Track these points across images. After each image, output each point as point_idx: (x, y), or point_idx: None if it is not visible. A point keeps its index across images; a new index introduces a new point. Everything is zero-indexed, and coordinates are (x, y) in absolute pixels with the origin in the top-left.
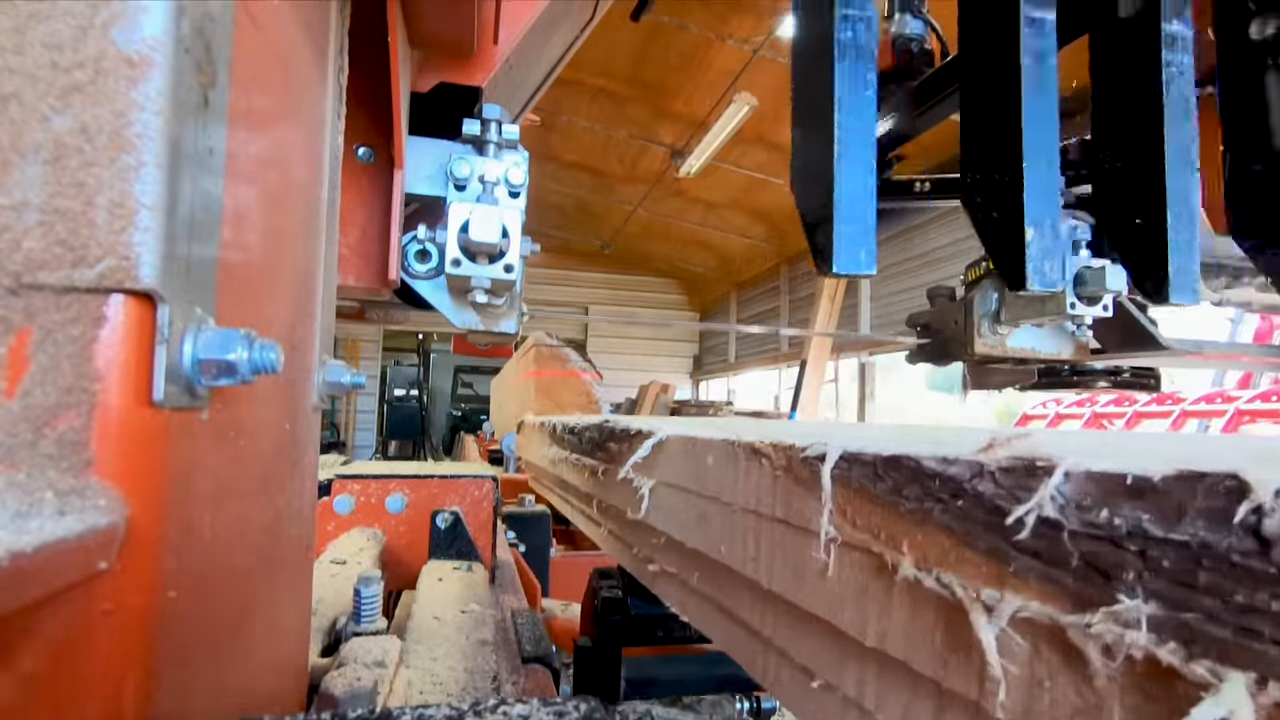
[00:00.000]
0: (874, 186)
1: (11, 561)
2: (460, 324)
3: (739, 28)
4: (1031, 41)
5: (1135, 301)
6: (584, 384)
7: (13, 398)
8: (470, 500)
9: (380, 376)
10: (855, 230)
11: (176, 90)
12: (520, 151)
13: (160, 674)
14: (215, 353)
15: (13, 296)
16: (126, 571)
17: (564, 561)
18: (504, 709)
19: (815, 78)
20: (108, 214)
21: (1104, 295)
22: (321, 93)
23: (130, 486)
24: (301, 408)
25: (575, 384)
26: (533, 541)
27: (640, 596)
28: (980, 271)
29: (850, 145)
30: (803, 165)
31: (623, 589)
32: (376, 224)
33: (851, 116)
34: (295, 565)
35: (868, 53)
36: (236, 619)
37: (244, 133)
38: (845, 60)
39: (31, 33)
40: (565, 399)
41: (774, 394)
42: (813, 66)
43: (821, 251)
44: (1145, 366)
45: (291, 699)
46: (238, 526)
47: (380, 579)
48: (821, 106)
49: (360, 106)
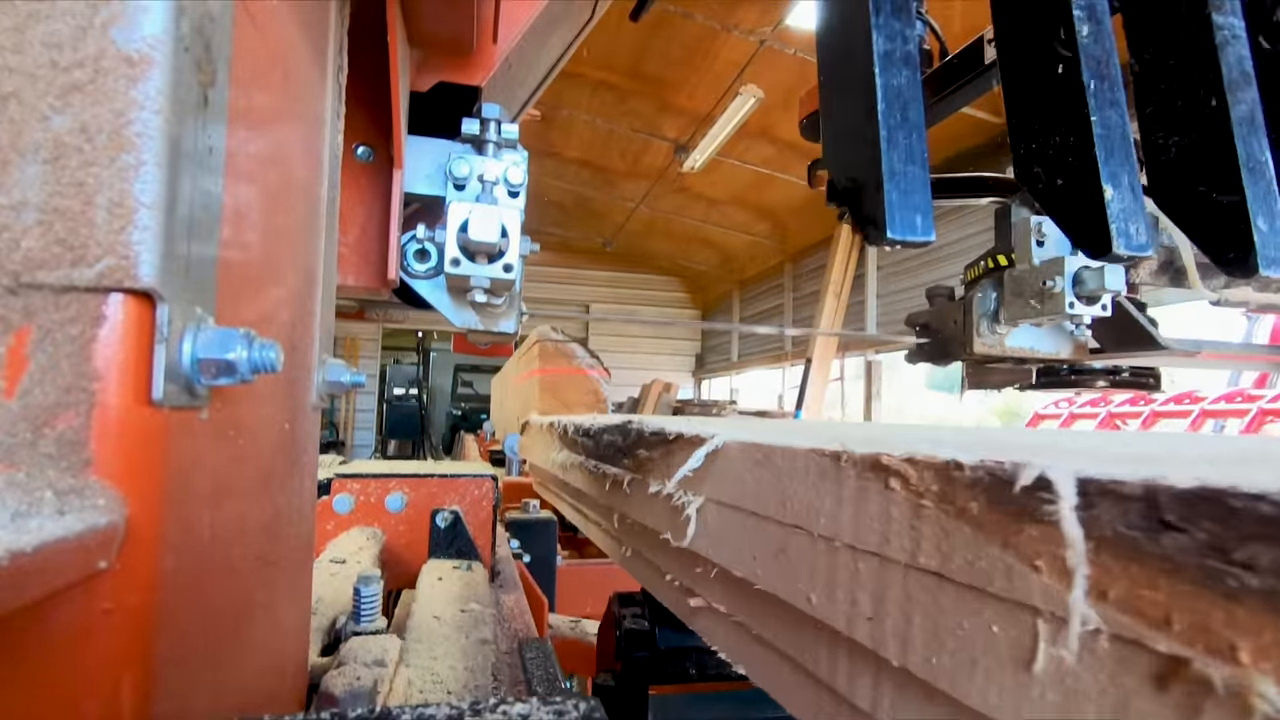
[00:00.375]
0: (924, 147)
1: (11, 561)
2: (459, 324)
3: (745, 18)
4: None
5: (1134, 301)
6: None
7: (12, 397)
8: (470, 499)
9: (380, 375)
10: (909, 191)
11: (176, 89)
12: (519, 151)
13: (160, 673)
14: (215, 352)
15: (12, 296)
16: (126, 571)
17: (571, 571)
18: (504, 708)
19: (848, 36)
20: (107, 213)
21: (1103, 295)
22: (321, 92)
23: (130, 486)
24: (301, 407)
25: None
26: (538, 551)
27: (669, 626)
28: (979, 271)
29: (895, 103)
30: (839, 136)
31: (649, 618)
32: (376, 223)
33: (892, 73)
34: (295, 564)
35: (905, 5)
36: (236, 618)
37: (244, 132)
38: (882, 13)
39: (31, 32)
40: (572, 398)
41: (778, 393)
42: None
43: (872, 219)
44: (1144, 366)
45: (291, 698)
46: (237, 526)
47: (380, 578)
48: (858, 67)
49: (360, 106)
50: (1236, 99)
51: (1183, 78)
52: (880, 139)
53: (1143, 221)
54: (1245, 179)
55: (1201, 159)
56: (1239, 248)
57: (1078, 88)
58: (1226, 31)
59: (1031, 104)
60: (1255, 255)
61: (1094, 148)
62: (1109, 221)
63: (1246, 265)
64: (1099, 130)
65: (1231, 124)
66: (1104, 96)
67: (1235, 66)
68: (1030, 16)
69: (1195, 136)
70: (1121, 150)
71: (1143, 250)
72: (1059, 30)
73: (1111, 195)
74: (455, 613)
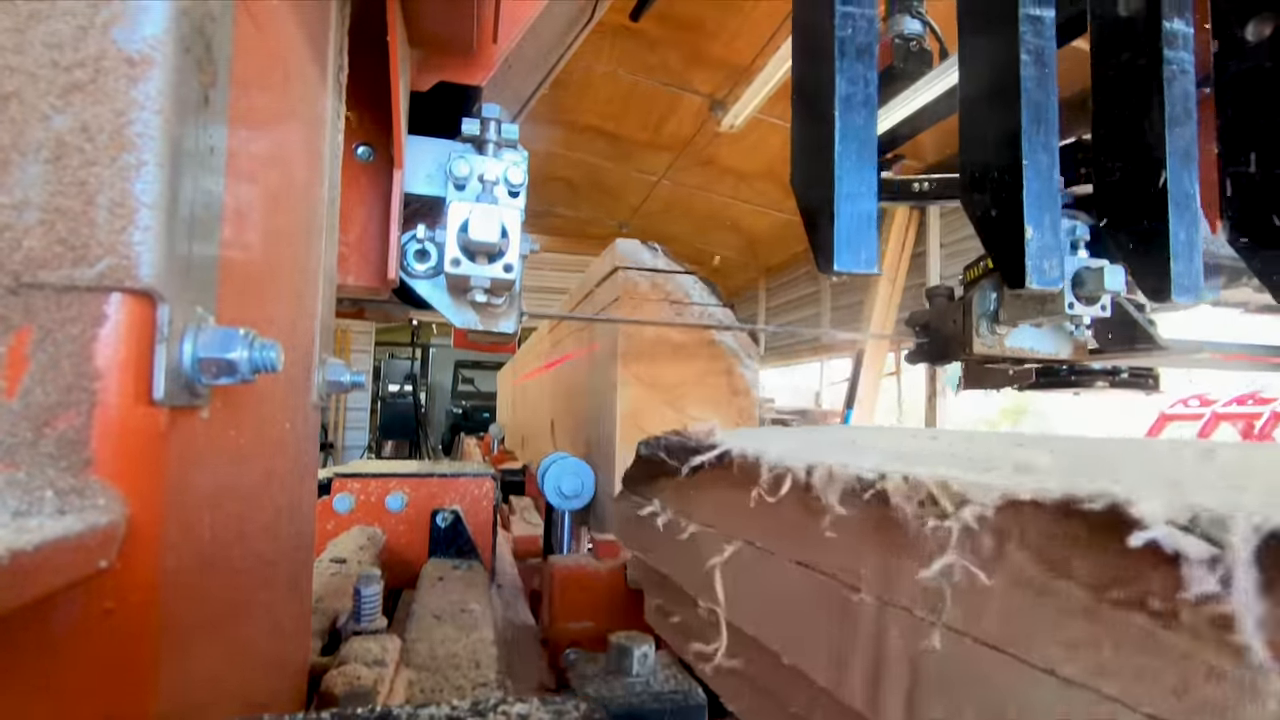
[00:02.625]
0: (875, 185)
1: (12, 560)
2: (460, 323)
3: None
4: (1031, 39)
5: (1133, 301)
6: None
7: (13, 397)
8: (470, 499)
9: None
10: (856, 228)
11: (177, 89)
12: (520, 151)
13: (160, 672)
14: (215, 351)
15: (12, 296)
16: (127, 570)
17: None
18: (504, 708)
19: (816, 75)
20: (108, 213)
21: (1102, 295)
22: (321, 92)
23: (130, 485)
24: (301, 406)
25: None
26: None
27: None
28: (979, 271)
29: (850, 143)
30: (803, 164)
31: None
32: (376, 223)
33: (852, 114)
34: (295, 564)
35: (868, 50)
36: (236, 618)
37: (244, 132)
38: (846, 57)
39: (32, 32)
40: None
41: (815, 390)
42: (813, 63)
43: (823, 249)
44: (1144, 366)
45: (291, 698)
46: (238, 525)
47: (380, 578)
48: (822, 105)
49: (360, 106)
50: (1174, 134)
51: (1130, 104)
52: (835, 177)
53: (1057, 258)
54: (1171, 211)
55: (1136, 186)
56: (1157, 273)
57: (1016, 130)
58: (1175, 67)
59: (978, 136)
60: (1171, 284)
61: (1022, 189)
62: (1025, 258)
63: (1162, 292)
64: (1029, 174)
65: (1166, 157)
66: (1038, 141)
67: (1179, 101)
68: (983, 53)
69: (1133, 163)
70: (1047, 193)
71: (1054, 284)
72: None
73: (1031, 235)
74: (456, 613)
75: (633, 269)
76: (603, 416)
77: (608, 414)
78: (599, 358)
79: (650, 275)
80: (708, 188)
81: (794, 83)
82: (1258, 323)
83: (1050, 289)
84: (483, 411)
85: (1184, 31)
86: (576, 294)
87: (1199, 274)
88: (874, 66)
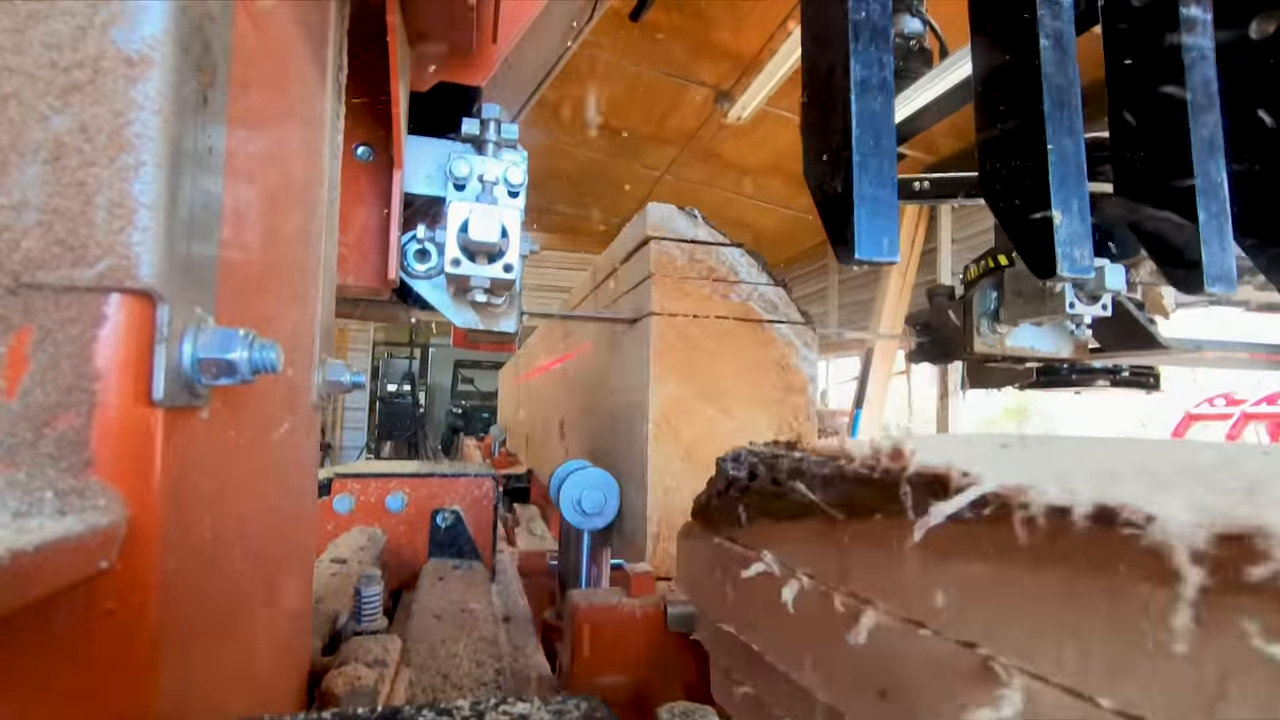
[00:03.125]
0: (895, 170)
1: (12, 560)
2: (460, 323)
3: None
4: (1049, 21)
5: (1134, 300)
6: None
7: (13, 397)
8: (470, 499)
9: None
10: (877, 215)
11: (176, 89)
12: (519, 151)
13: (161, 673)
14: (215, 352)
15: (12, 296)
16: (127, 571)
17: None
18: (504, 708)
19: (829, 61)
20: (107, 213)
21: (1103, 294)
22: (321, 92)
23: (130, 486)
24: (301, 407)
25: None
26: None
27: None
28: (979, 270)
29: (868, 129)
30: (817, 153)
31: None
32: (376, 223)
33: (868, 99)
34: (295, 564)
35: (883, 33)
36: (237, 618)
37: (243, 132)
38: (860, 41)
39: (31, 32)
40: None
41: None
42: (826, 49)
43: (842, 239)
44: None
45: (292, 698)
46: (238, 526)
47: (381, 578)
48: (836, 91)
49: (360, 106)
50: (1198, 121)
51: (1150, 93)
52: (854, 164)
53: (1088, 246)
54: (1200, 200)
55: (1161, 177)
56: (1188, 265)
57: (1038, 115)
58: (1195, 53)
59: (997, 124)
60: (1203, 274)
61: (1048, 174)
62: (1055, 245)
63: (1194, 283)
64: (1054, 158)
65: (1191, 146)
66: (1062, 125)
67: (1201, 88)
68: (1000, 38)
69: (1156, 153)
70: (1074, 178)
71: (1085, 273)
72: (1025, 55)
73: (1060, 221)
74: (456, 613)
75: (668, 239)
76: (631, 416)
77: (638, 414)
78: (625, 348)
79: (689, 248)
80: (712, 183)
81: (805, 70)
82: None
83: (1082, 277)
84: (483, 412)
85: (1202, 17)
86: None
87: (1232, 262)
88: (889, 50)
